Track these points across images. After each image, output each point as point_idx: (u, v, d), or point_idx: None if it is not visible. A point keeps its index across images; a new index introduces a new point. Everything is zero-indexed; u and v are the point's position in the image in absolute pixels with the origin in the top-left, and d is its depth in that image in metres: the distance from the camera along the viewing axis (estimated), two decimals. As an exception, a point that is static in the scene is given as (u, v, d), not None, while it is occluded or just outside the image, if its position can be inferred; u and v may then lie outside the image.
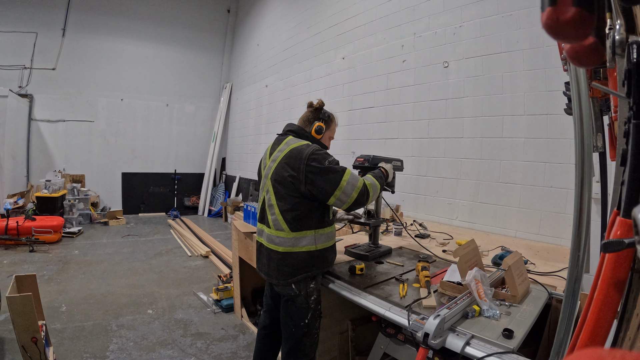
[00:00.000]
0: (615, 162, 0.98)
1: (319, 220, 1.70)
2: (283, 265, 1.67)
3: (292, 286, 1.68)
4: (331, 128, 1.92)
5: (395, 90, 3.80)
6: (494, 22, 2.85)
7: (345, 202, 1.64)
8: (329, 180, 1.60)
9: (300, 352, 1.73)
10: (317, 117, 1.86)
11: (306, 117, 1.87)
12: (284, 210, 1.66)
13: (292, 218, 1.65)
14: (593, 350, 0.32)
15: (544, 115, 2.55)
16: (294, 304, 1.70)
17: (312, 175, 1.60)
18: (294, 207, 1.64)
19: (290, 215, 1.65)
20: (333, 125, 1.93)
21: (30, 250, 4.79)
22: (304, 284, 1.68)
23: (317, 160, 1.61)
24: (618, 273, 0.61)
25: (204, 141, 8.76)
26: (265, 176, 1.79)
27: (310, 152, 1.63)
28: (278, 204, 1.67)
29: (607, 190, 1.65)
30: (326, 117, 1.88)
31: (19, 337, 1.94)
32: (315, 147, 1.67)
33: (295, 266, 1.66)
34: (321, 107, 1.89)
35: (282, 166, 1.67)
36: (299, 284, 1.68)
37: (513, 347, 1.11)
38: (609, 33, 0.61)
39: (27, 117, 6.87)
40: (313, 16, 5.32)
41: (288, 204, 1.65)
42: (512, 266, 1.42)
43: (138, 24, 7.80)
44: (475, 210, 2.99)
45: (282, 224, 1.66)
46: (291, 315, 1.71)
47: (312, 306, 1.70)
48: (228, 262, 4.47)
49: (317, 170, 1.60)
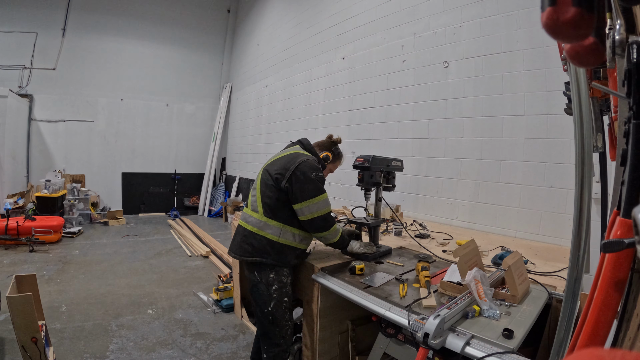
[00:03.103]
0: (615, 162, 0.98)
1: (289, 217, 1.80)
2: (245, 243, 1.81)
3: (254, 272, 1.80)
4: (335, 164, 2.08)
5: (395, 90, 3.80)
6: (494, 22, 2.84)
7: (305, 215, 1.76)
8: (304, 189, 1.74)
9: (269, 339, 1.84)
10: (329, 149, 2.04)
11: (322, 143, 2.06)
12: (263, 195, 1.81)
13: (267, 204, 1.79)
14: (593, 350, 0.32)
15: (544, 115, 2.54)
16: (257, 290, 1.81)
17: (294, 178, 1.74)
18: (271, 196, 1.79)
19: (266, 200, 1.79)
20: (338, 163, 2.10)
21: (30, 250, 4.78)
22: (264, 272, 1.78)
23: (305, 169, 1.76)
24: (618, 273, 0.61)
25: (204, 141, 8.76)
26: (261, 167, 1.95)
27: (303, 159, 1.79)
28: (261, 189, 1.83)
29: (607, 190, 1.65)
30: (336, 153, 2.06)
31: (19, 337, 1.94)
32: (311, 158, 1.83)
33: (254, 247, 1.78)
34: (337, 143, 2.08)
35: (277, 162, 1.84)
36: (260, 271, 1.79)
37: (513, 347, 1.11)
38: (609, 33, 0.61)
39: (27, 117, 6.87)
40: (313, 16, 5.32)
41: (268, 190, 1.80)
42: (512, 266, 1.42)
43: (138, 24, 7.80)
44: (475, 210, 2.99)
45: (258, 206, 1.81)
46: (256, 301, 1.83)
47: (273, 295, 1.78)
48: (228, 262, 4.47)
49: (300, 177, 1.74)
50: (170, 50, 8.22)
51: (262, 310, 1.81)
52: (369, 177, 2.08)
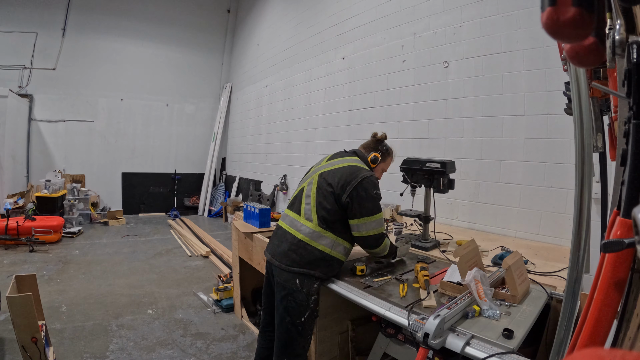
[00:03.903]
0: (615, 162, 0.98)
1: (343, 230, 1.74)
2: (293, 252, 1.70)
3: (295, 280, 1.68)
4: (386, 161, 2.00)
5: (395, 90, 3.79)
6: (494, 22, 2.84)
7: (360, 232, 1.72)
8: (364, 206, 1.69)
9: (293, 351, 1.73)
10: (376, 148, 1.96)
11: (367, 144, 2.00)
12: (319, 205, 1.72)
13: (323, 216, 1.71)
14: (593, 350, 0.32)
15: (544, 115, 2.54)
16: (294, 300, 1.68)
17: (356, 194, 1.68)
18: (329, 208, 1.71)
19: (322, 211, 1.71)
20: (389, 159, 2.02)
21: (30, 250, 4.78)
22: (309, 282, 1.69)
23: (368, 186, 1.70)
24: (618, 273, 0.61)
25: (204, 141, 8.76)
26: (314, 172, 1.86)
27: (366, 175, 1.73)
28: (317, 198, 1.74)
29: (607, 190, 1.65)
30: (384, 150, 1.98)
31: (19, 337, 1.94)
32: (372, 174, 1.77)
33: (304, 258, 1.68)
34: (382, 140, 2.00)
35: (337, 173, 1.76)
36: (304, 280, 1.68)
37: (513, 347, 1.11)
38: (609, 33, 0.61)
39: (27, 117, 6.86)
40: (313, 16, 5.32)
41: (326, 202, 1.72)
42: (512, 266, 1.42)
43: (138, 24, 7.80)
44: (475, 210, 2.99)
45: (313, 215, 1.72)
46: (289, 311, 1.70)
47: (311, 305, 1.70)
48: (228, 262, 4.47)
49: (362, 193, 1.69)
50: (170, 50, 8.22)
51: (293, 320, 1.69)
52: None
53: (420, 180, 2.28)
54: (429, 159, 2.25)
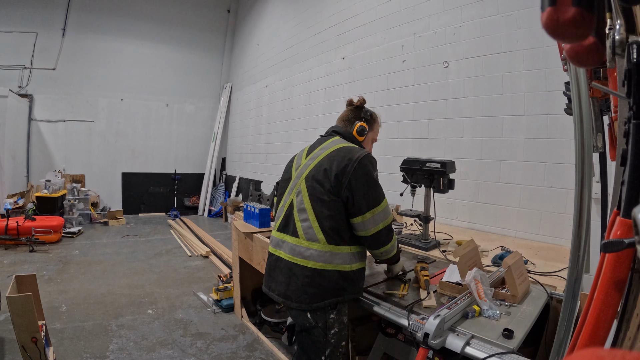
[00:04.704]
0: (615, 162, 0.98)
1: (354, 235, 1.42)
2: (310, 286, 1.36)
3: (307, 315, 1.38)
4: (374, 129, 1.69)
5: (395, 90, 3.79)
6: (494, 22, 2.84)
7: (369, 229, 1.39)
8: (369, 195, 1.37)
9: None
10: (359, 117, 1.64)
11: (346, 116, 1.66)
12: (319, 216, 1.37)
13: (330, 228, 1.37)
14: (593, 350, 0.32)
15: (544, 115, 2.54)
16: (309, 337, 1.43)
17: (356, 182, 1.35)
18: (332, 215, 1.37)
19: (328, 223, 1.37)
20: (376, 125, 1.71)
21: (30, 250, 4.78)
22: (322, 314, 1.38)
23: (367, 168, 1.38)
24: (618, 273, 0.61)
25: (204, 141, 8.76)
26: (297, 176, 1.50)
27: (363, 155, 1.40)
28: (314, 208, 1.38)
29: (607, 190, 1.65)
30: (368, 116, 1.65)
31: (19, 337, 1.94)
32: (367, 152, 1.44)
33: (325, 288, 1.36)
34: (362, 105, 1.68)
35: (323, 164, 1.41)
36: (315, 313, 1.38)
37: (513, 347, 1.11)
38: (609, 33, 0.61)
39: (27, 117, 6.87)
40: (313, 16, 5.32)
41: (326, 209, 1.37)
42: (512, 266, 1.42)
43: (138, 24, 7.80)
44: (475, 210, 2.99)
45: (317, 232, 1.36)
46: (305, 349, 1.45)
47: (331, 341, 1.40)
48: (228, 262, 4.47)
49: (364, 179, 1.36)
50: (170, 50, 8.22)
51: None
52: None
53: (420, 180, 2.28)
54: (429, 159, 2.24)
